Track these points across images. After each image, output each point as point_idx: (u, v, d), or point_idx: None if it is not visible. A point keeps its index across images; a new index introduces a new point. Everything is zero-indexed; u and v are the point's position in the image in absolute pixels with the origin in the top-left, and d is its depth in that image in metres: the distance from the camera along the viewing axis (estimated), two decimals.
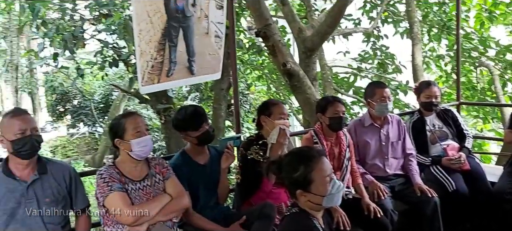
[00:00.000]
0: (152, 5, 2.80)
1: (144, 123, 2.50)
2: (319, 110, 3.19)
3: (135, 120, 2.46)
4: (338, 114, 3.10)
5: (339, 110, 3.10)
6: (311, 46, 5.65)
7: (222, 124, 6.70)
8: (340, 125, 3.15)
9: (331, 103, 3.14)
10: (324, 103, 3.18)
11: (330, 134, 3.18)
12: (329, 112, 3.11)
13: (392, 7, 8.37)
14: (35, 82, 16.59)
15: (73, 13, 6.07)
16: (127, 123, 2.44)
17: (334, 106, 3.11)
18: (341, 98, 3.44)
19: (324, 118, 3.14)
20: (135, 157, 2.44)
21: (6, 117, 2.36)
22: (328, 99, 3.27)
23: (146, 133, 2.46)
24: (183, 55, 3.06)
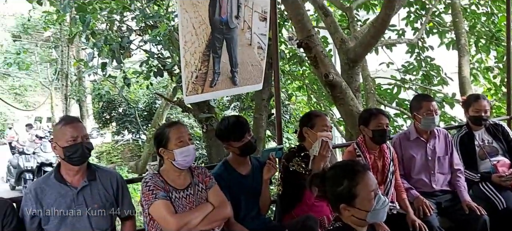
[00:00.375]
0: (197, 17, 2.87)
1: (187, 132, 2.54)
2: (362, 122, 3.15)
3: (178, 129, 2.51)
4: (381, 126, 3.05)
5: (382, 122, 3.06)
6: (354, 57, 5.57)
7: (263, 133, 6.72)
8: (383, 138, 3.10)
9: (375, 115, 3.10)
10: (367, 116, 3.14)
11: (373, 146, 3.13)
12: (372, 124, 3.07)
13: (437, 18, 8.13)
14: (83, 90, 17.30)
15: (120, 24, 6.29)
16: (170, 133, 2.49)
17: (378, 119, 3.06)
18: (384, 110, 3.38)
19: (367, 130, 3.10)
20: (178, 166, 2.49)
21: (59, 124, 2.47)
22: (371, 111, 3.22)
23: (189, 142, 2.50)
24: (226, 66, 3.11)
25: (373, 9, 7.95)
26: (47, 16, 10.56)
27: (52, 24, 13.45)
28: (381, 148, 3.15)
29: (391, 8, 4.97)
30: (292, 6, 5.08)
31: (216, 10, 2.95)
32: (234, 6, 3.04)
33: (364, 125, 3.12)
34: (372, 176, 1.94)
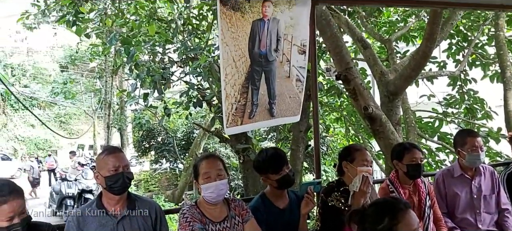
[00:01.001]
0: (237, 51, 2.92)
1: (218, 167, 2.52)
2: (395, 157, 3.10)
3: (208, 164, 2.52)
4: (416, 161, 2.99)
5: (417, 157, 3.00)
6: (394, 90, 5.48)
7: (300, 166, 6.66)
8: (418, 172, 3.03)
9: (408, 150, 3.04)
10: (400, 150, 3.08)
11: (407, 181, 3.06)
12: (406, 159, 3.01)
13: (480, 50, 7.92)
14: (124, 119, 17.83)
15: (163, 56, 6.49)
16: (201, 166, 2.52)
17: (412, 153, 3.00)
18: (417, 144, 3.31)
19: (401, 165, 3.04)
20: (206, 200, 2.50)
21: (102, 154, 2.54)
22: (404, 146, 3.16)
23: (216, 178, 2.48)
24: (264, 97, 3.13)
25: (413, 41, 7.84)
26: (93, 48, 11.06)
27: (97, 56, 14.06)
28: (416, 183, 3.09)
29: (432, 41, 4.89)
30: (331, 39, 5.09)
31: (256, 43, 2.99)
32: (274, 40, 3.08)
33: (398, 159, 3.06)
34: (414, 215, 1.88)
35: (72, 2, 6.54)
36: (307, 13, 3.12)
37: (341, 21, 6.28)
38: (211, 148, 14.32)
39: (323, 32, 5.20)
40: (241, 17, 2.91)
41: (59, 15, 7.15)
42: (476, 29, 7.56)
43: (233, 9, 2.85)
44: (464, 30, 7.67)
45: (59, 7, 7.12)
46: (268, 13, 2.98)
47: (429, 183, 3.16)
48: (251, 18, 2.94)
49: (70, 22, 6.56)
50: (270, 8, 2.98)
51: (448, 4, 3.67)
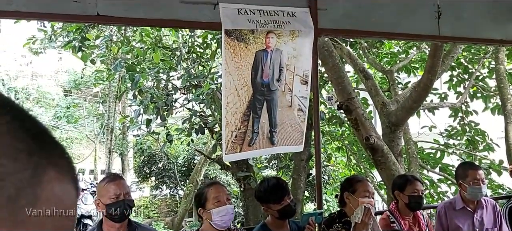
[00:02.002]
0: (240, 80, 2.97)
1: (226, 192, 2.57)
2: (397, 188, 3.13)
3: (216, 189, 2.54)
4: (417, 193, 3.03)
5: (418, 189, 3.04)
6: (396, 121, 5.51)
7: (301, 195, 6.62)
8: (419, 204, 3.07)
9: (410, 182, 3.08)
10: (402, 182, 3.12)
11: (407, 213, 3.09)
12: (408, 190, 3.04)
13: (481, 82, 7.98)
14: (126, 145, 17.82)
15: (167, 83, 6.55)
16: (208, 192, 2.52)
17: (413, 185, 3.04)
18: (419, 177, 3.34)
19: (402, 195, 3.06)
20: (216, 226, 2.49)
21: (103, 181, 2.55)
22: (406, 177, 3.20)
23: (226, 202, 2.51)
24: (265, 125, 3.15)
25: (414, 72, 7.91)
26: (97, 74, 11.17)
27: (101, 81, 14.16)
28: (415, 214, 3.13)
29: (433, 73, 4.95)
30: (333, 69, 5.15)
31: (259, 73, 3.04)
32: (276, 70, 3.13)
33: (400, 190, 3.08)
34: None
35: (78, 28, 6.64)
36: (309, 45, 3.17)
37: (343, 51, 6.37)
38: (212, 175, 14.27)
39: (325, 63, 5.27)
40: (245, 47, 2.97)
41: (65, 41, 7.24)
42: (477, 62, 7.64)
43: (237, 40, 2.91)
44: (465, 63, 7.75)
45: (66, 33, 7.22)
46: (271, 44, 3.04)
47: (428, 218, 3.17)
48: (255, 49, 3.00)
49: (76, 48, 6.64)
50: (273, 39, 3.03)
51: (449, 39, 3.74)
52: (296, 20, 3.13)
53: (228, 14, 2.90)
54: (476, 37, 3.65)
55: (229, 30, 2.88)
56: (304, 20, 3.15)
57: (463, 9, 3.51)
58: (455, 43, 5.49)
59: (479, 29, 3.58)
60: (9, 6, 2.49)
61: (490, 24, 3.59)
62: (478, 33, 3.61)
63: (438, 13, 3.40)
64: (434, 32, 3.43)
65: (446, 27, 3.44)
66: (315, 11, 3.15)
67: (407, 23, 3.43)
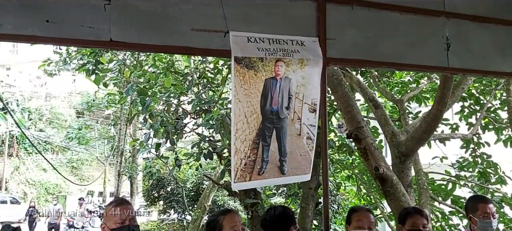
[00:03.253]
0: (250, 107, 2.99)
1: (241, 221, 2.56)
2: (400, 221, 3.06)
3: (232, 218, 2.53)
4: (417, 227, 2.92)
5: (418, 223, 2.93)
6: (406, 151, 5.47)
7: (309, 224, 6.55)
8: None
9: (410, 214, 3.00)
10: (403, 214, 3.06)
11: None
12: (408, 224, 2.96)
13: (493, 113, 7.91)
14: (135, 168, 17.89)
15: (177, 107, 6.62)
16: (224, 221, 2.51)
17: (414, 219, 2.95)
18: (423, 210, 3.26)
19: (403, 229, 2.99)
20: None
21: (110, 206, 2.57)
22: (408, 210, 3.13)
23: None
24: (275, 154, 3.15)
25: (425, 102, 7.88)
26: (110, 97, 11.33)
27: (113, 104, 14.35)
28: None
29: (443, 105, 4.92)
30: (342, 98, 5.16)
31: (268, 100, 3.06)
32: (285, 98, 3.14)
33: (401, 223, 3.02)
34: None
35: (92, 52, 6.79)
36: (318, 74, 3.20)
37: (353, 80, 6.38)
38: (220, 201, 14.21)
39: (334, 91, 5.28)
40: (254, 75, 3.00)
41: (80, 64, 7.40)
42: (488, 93, 7.60)
43: (246, 67, 2.95)
44: (477, 94, 7.70)
45: (80, 56, 7.38)
46: (280, 72, 3.07)
47: None
48: (264, 76, 3.03)
49: (90, 71, 6.78)
50: (282, 67, 3.07)
51: (458, 71, 3.73)
52: (305, 49, 3.16)
53: (237, 42, 2.94)
54: (485, 69, 3.64)
55: (238, 57, 2.92)
56: (313, 49, 3.18)
57: (472, 41, 3.52)
58: (464, 75, 5.48)
59: (488, 61, 3.58)
60: (26, 31, 2.56)
61: (499, 57, 3.59)
62: (487, 66, 3.60)
63: (447, 45, 3.41)
64: (443, 63, 3.43)
65: (455, 59, 3.44)
66: (324, 40, 3.18)
67: (416, 54, 3.44)
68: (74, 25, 2.64)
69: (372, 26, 3.34)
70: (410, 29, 3.42)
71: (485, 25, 3.56)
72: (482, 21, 3.55)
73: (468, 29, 3.52)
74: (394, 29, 3.39)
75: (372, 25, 3.34)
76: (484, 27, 3.56)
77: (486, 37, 3.56)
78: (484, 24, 3.55)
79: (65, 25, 2.63)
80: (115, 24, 2.71)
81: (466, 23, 3.51)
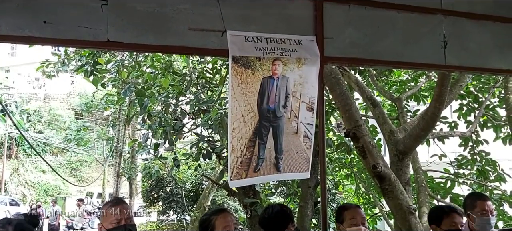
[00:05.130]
0: (247, 106, 3.00)
1: (234, 221, 2.55)
2: (433, 221, 2.98)
3: (225, 218, 2.52)
4: (455, 226, 2.87)
5: (456, 222, 2.88)
6: (404, 149, 5.47)
7: (308, 223, 6.55)
8: None
9: (447, 214, 2.93)
10: (439, 214, 2.97)
11: None
12: (445, 224, 2.89)
13: (491, 111, 7.93)
14: (134, 168, 17.89)
15: (175, 107, 6.62)
16: (217, 220, 2.51)
17: (451, 218, 2.89)
18: (458, 208, 3.19)
19: (439, 230, 2.93)
20: None
21: (106, 206, 2.57)
22: (443, 209, 3.07)
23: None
24: (271, 152, 3.16)
25: (424, 100, 7.89)
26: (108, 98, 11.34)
27: (112, 105, 14.34)
28: None
29: (441, 102, 4.93)
30: (340, 97, 5.16)
31: (265, 99, 3.07)
32: (282, 96, 3.15)
33: (436, 224, 2.95)
34: None
35: (91, 53, 6.79)
36: (315, 72, 3.20)
37: (351, 79, 6.39)
38: (219, 201, 14.21)
39: (332, 90, 5.28)
40: (252, 74, 3.00)
41: (78, 65, 7.40)
42: (487, 91, 7.61)
43: (244, 67, 2.96)
44: (475, 92, 7.72)
45: (78, 57, 7.38)
46: (277, 71, 3.07)
47: None
48: (261, 75, 3.04)
49: (88, 72, 6.78)
50: (280, 66, 3.07)
51: (455, 68, 3.74)
52: (302, 48, 3.17)
53: (235, 41, 2.95)
54: (482, 66, 3.65)
55: (236, 57, 2.92)
56: (311, 48, 3.19)
57: (469, 39, 3.53)
58: (461, 72, 5.49)
59: (485, 59, 3.59)
60: (23, 32, 2.57)
61: (497, 54, 3.59)
62: (485, 63, 3.61)
63: (444, 43, 3.42)
64: (440, 61, 3.44)
65: (453, 56, 3.45)
66: (321, 39, 3.19)
67: (413, 52, 3.45)
68: (71, 25, 2.65)
69: (369, 24, 3.34)
70: (407, 27, 3.43)
71: (482, 23, 3.57)
72: (479, 19, 3.56)
73: (465, 26, 3.53)
74: (391, 28, 3.40)
75: (369, 24, 3.34)
76: (481, 24, 3.57)
77: (483, 35, 3.57)
78: (481, 21, 3.57)
79: (62, 26, 2.63)
80: (112, 24, 2.71)
81: (463, 20, 3.52)
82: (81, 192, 25.08)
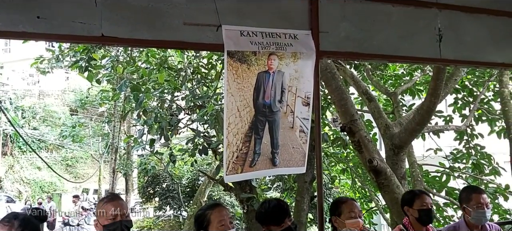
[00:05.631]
0: (242, 101, 2.99)
1: (229, 215, 2.54)
2: (406, 203, 3.11)
3: (220, 212, 2.51)
4: (426, 206, 3.01)
5: (427, 202, 3.02)
6: (399, 143, 5.49)
7: (304, 217, 6.56)
8: (430, 218, 3.05)
9: (418, 196, 3.07)
10: (410, 196, 3.12)
11: (419, 227, 3.05)
12: (416, 204, 3.03)
13: (486, 105, 7.96)
14: (130, 164, 17.84)
15: (171, 103, 6.60)
16: (212, 215, 2.50)
17: (421, 199, 3.03)
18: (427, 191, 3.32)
19: (412, 210, 3.05)
20: None
21: (102, 201, 2.55)
22: (414, 192, 3.20)
23: (229, 226, 2.49)
24: (267, 146, 3.16)
25: (419, 94, 7.91)
26: (103, 94, 11.29)
27: (107, 101, 14.28)
28: (427, 229, 3.07)
29: (436, 96, 4.94)
30: (336, 91, 5.17)
31: (260, 94, 3.06)
32: (278, 91, 3.15)
33: (408, 205, 3.07)
34: None
35: (85, 48, 6.74)
36: (311, 67, 3.20)
37: (346, 73, 6.39)
38: (216, 196, 14.21)
39: (328, 85, 5.28)
40: (247, 69, 3.00)
41: (72, 61, 7.34)
42: (482, 85, 7.64)
43: (239, 61, 2.95)
44: (470, 86, 7.75)
45: (73, 53, 7.33)
46: (273, 66, 3.07)
47: None
48: (257, 70, 3.03)
49: (83, 67, 6.73)
50: (275, 61, 3.06)
51: (450, 62, 3.76)
52: (298, 42, 3.16)
53: (230, 36, 2.94)
54: (477, 60, 3.66)
55: (231, 51, 2.91)
56: (306, 42, 3.18)
57: (465, 32, 3.54)
58: (456, 66, 5.50)
59: (480, 52, 3.60)
60: (16, 27, 2.55)
61: (492, 48, 3.60)
62: (480, 57, 3.62)
63: (439, 37, 3.42)
64: (435, 55, 3.44)
65: (448, 50, 3.45)
66: (317, 33, 3.18)
67: (408, 46, 3.45)
68: (65, 21, 2.63)
69: (365, 18, 3.34)
70: (402, 21, 3.43)
71: (477, 16, 3.57)
72: (474, 12, 3.56)
73: (460, 20, 3.54)
74: (387, 22, 3.40)
75: (364, 18, 3.34)
76: (476, 18, 3.57)
77: (478, 28, 3.57)
78: (476, 15, 3.57)
79: (56, 21, 2.61)
80: (106, 19, 2.69)
81: (458, 14, 3.53)
82: (77, 188, 25.01)
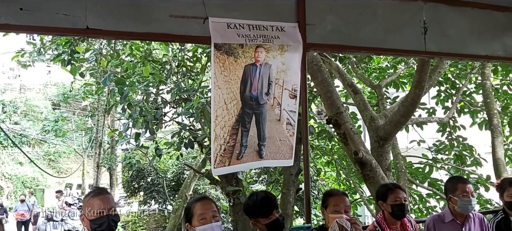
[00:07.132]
0: (229, 93, 2.98)
1: (213, 209, 2.50)
2: (380, 198, 3.11)
3: (202, 206, 2.49)
4: (399, 201, 3.00)
5: (400, 197, 3.01)
6: (384, 135, 5.55)
7: (291, 209, 6.60)
8: (402, 212, 3.03)
9: (391, 190, 3.06)
10: (384, 191, 3.11)
11: (394, 222, 3.06)
12: (390, 199, 3.02)
13: (468, 97, 8.10)
14: (114, 159, 17.65)
15: (156, 96, 6.54)
16: (195, 208, 2.48)
17: (395, 194, 3.02)
18: (401, 185, 3.34)
19: (385, 205, 3.05)
20: None
21: (88, 196, 2.52)
22: (387, 186, 3.19)
23: (212, 220, 2.45)
24: (253, 139, 3.16)
25: (403, 87, 8.00)
26: (86, 87, 11.12)
27: (90, 95, 14.08)
28: (403, 222, 3.08)
29: (421, 88, 5.01)
30: (322, 84, 5.19)
31: (247, 87, 3.06)
32: (265, 84, 3.15)
33: (382, 200, 3.08)
34: None
35: (68, 41, 6.63)
36: (298, 59, 3.20)
37: (332, 66, 6.42)
38: (201, 190, 14.19)
39: (314, 77, 5.31)
40: (234, 61, 2.99)
41: (55, 54, 7.22)
42: (464, 77, 7.76)
43: (226, 54, 2.94)
44: (452, 78, 7.87)
45: (55, 46, 7.20)
46: (260, 59, 3.06)
47: (415, 223, 3.17)
48: (244, 63, 3.02)
49: (65, 61, 6.62)
50: (262, 53, 3.06)
51: (435, 54, 3.80)
52: (285, 35, 3.16)
53: (217, 28, 2.92)
54: (461, 52, 3.72)
55: (218, 44, 2.90)
56: (293, 35, 3.19)
57: (449, 25, 3.58)
58: (441, 58, 5.58)
59: (464, 45, 3.65)
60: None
61: (475, 41, 3.66)
62: (464, 49, 3.67)
63: (424, 29, 3.46)
64: (420, 47, 3.48)
65: (432, 43, 3.50)
66: (304, 26, 3.19)
67: (394, 39, 3.48)
68: (49, 13, 2.58)
69: (351, 11, 3.36)
70: (388, 15, 3.46)
71: (461, 9, 3.62)
72: (458, 5, 3.61)
73: (445, 13, 3.58)
74: (373, 15, 3.42)
75: (351, 11, 3.36)
76: (460, 11, 3.62)
77: (462, 21, 3.63)
78: (460, 8, 3.62)
79: (40, 13, 2.56)
80: (91, 11, 2.65)
81: (442, 7, 3.57)
82: (60, 183, 24.68)
